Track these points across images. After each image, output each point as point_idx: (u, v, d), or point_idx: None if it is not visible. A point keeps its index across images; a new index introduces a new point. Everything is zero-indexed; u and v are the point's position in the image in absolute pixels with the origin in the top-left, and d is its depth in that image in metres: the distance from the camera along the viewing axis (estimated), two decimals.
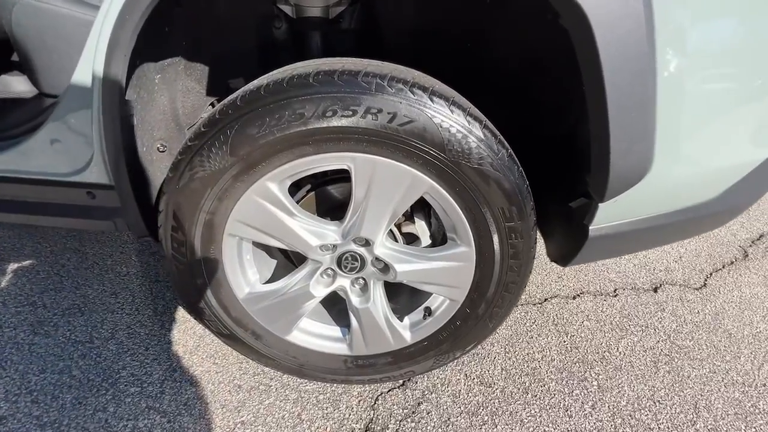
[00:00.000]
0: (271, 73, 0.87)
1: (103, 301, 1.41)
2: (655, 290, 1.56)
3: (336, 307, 1.16)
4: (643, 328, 1.41)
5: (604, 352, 1.33)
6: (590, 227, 0.90)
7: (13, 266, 1.53)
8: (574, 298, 1.52)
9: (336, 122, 0.79)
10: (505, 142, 0.86)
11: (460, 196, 0.86)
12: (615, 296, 1.53)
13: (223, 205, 0.89)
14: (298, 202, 0.99)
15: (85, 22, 0.98)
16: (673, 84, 0.75)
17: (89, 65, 0.81)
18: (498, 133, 0.86)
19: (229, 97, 0.86)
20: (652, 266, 1.66)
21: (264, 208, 0.89)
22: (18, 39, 1.06)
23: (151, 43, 0.87)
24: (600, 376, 1.25)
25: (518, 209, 0.88)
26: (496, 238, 0.91)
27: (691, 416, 1.16)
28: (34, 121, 1.06)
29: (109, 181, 0.94)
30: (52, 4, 0.97)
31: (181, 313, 1.39)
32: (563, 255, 1.01)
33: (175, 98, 1.09)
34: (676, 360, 1.31)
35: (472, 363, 1.27)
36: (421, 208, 1.07)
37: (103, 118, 0.85)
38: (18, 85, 1.52)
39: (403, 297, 1.16)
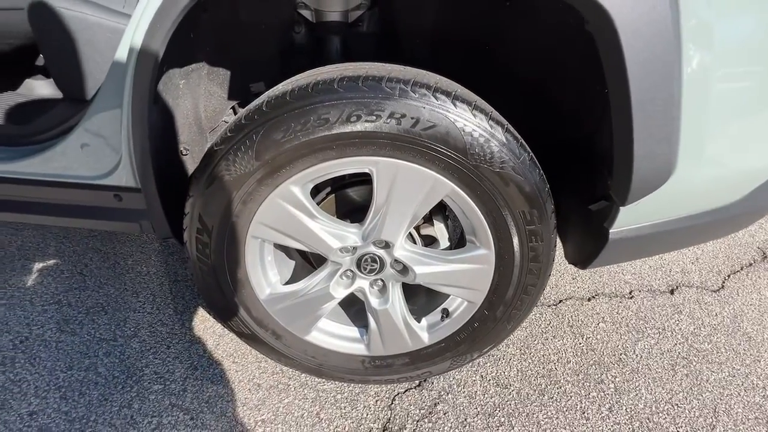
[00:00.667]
0: (294, 78, 0.88)
1: (125, 300, 1.45)
2: (672, 292, 1.55)
3: (354, 307, 1.18)
4: (660, 330, 1.40)
5: (621, 354, 1.32)
6: (611, 230, 0.90)
7: (38, 266, 1.57)
8: (589, 299, 1.51)
9: (360, 127, 0.81)
10: (527, 146, 0.87)
11: (481, 200, 0.87)
12: (631, 298, 1.52)
13: (247, 208, 0.91)
14: (318, 205, 1.01)
15: (112, 29, 1.00)
16: (699, 87, 0.75)
17: (120, 71, 0.83)
18: (519, 136, 0.86)
19: (254, 102, 0.87)
20: (669, 268, 1.65)
21: (287, 211, 0.91)
22: (45, 44, 1.09)
23: (178, 49, 0.89)
24: (617, 379, 1.25)
25: (539, 212, 0.88)
26: (516, 241, 0.91)
27: (711, 420, 1.16)
28: (60, 127, 1.08)
29: (135, 184, 0.96)
30: (80, 11, 0.99)
31: (201, 313, 1.42)
32: (582, 258, 1.01)
33: (197, 102, 1.11)
34: (694, 363, 1.30)
35: (488, 364, 1.28)
36: (440, 210, 1.08)
37: (132, 123, 0.87)
38: (42, 89, 1.56)
39: (421, 298, 1.17)
